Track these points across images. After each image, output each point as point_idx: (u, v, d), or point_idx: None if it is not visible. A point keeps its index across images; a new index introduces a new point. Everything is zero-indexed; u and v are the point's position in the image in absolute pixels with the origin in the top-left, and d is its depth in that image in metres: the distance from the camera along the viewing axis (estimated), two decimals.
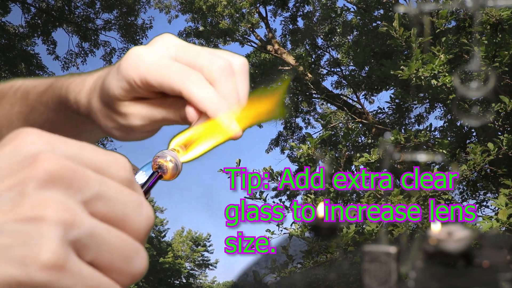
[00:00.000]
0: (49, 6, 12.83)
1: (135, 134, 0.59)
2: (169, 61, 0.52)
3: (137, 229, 0.34)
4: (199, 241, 34.13)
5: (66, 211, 0.30)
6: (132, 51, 0.53)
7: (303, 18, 12.26)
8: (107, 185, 0.33)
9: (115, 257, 0.32)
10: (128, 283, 0.33)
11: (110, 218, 0.33)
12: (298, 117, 12.66)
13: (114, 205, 0.33)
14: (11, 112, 0.68)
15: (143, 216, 0.34)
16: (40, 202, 0.29)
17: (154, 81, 0.51)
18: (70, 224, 0.30)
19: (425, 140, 4.78)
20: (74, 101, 0.60)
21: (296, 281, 2.71)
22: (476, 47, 4.37)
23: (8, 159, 0.31)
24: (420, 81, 4.34)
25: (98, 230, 0.31)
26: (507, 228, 3.67)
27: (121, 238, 0.33)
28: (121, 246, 0.32)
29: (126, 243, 0.33)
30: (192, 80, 0.51)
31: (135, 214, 0.34)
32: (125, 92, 0.54)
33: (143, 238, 0.35)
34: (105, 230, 0.32)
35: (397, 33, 4.44)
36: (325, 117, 5.44)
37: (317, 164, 4.81)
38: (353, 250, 3.95)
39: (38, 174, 0.30)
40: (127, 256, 0.33)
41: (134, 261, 0.33)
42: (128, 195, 0.34)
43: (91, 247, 0.31)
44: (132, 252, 0.33)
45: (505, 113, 4.68)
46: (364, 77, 9.03)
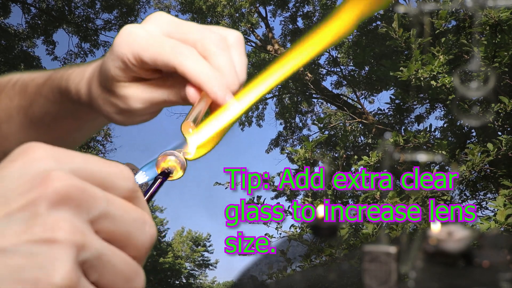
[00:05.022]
0: (49, 7, 12.83)
1: (135, 118, 0.58)
2: (161, 37, 0.51)
3: (140, 247, 0.34)
4: (199, 241, 34.11)
5: (77, 232, 0.30)
6: (124, 29, 0.52)
7: (303, 18, 12.26)
8: (113, 204, 0.33)
9: (117, 279, 0.32)
10: None
11: (115, 237, 0.33)
12: (297, 117, 12.67)
13: (120, 223, 0.33)
14: (10, 106, 0.67)
15: (147, 234, 0.35)
16: (52, 224, 0.30)
17: (147, 57, 0.50)
18: (81, 246, 0.30)
19: (424, 141, 4.78)
20: (75, 91, 0.60)
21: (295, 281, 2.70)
22: (476, 48, 4.37)
23: (18, 177, 0.31)
24: (419, 82, 4.34)
25: (104, 252, 0.32)
26: (505, 229, 3.67)
27: (124, 260, 0.33)
28: (124, 268, 0.33)
29: (128, 264, 0.33)
30: (185, 54, 0.50)
31: (139, 232, 0.34)
32: (121, 72, 0.53)
33: (145, 255, 0.35)
34: (111, 252, 0.32)
35: (396, 34, 4.44)
36: (322, 120, 5.43)
37: (316, 165, 4.81)
38: (349, 253, 3.95)
39: (49, 194, 0.30)
40: (128, 277, 0.33)
41: (133, 282, 0.34)
42: (133, 213, 0.34)
43: (97, 269, 0.31)
44: (133, 274, 0.33)
45: (504, 113, 4.68)
46: (364, 77, 9.03)
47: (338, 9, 0.52)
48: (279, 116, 12.95)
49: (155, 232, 0.36)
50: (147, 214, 0.36)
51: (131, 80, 0.54)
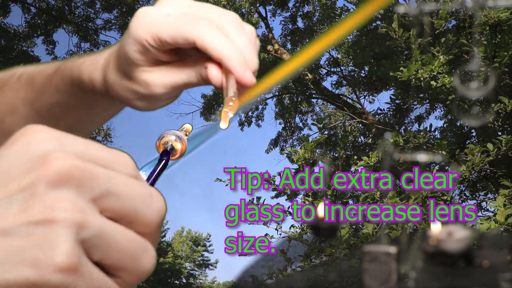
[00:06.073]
0: (49, 6, 12.83)
1: (157, 103, 0.56)
2: (178, 14, 0.50)
3: (148, 222, 0.34)
4: (199, 241, 34.12)
5: (77, 211, 0.30)
6: (139, 11, 0.51)
7: (303, 18, 12.27)
8: (116, 181, 0.32)
9: (122, 256, 0.32)
10: (136, 281, 0.33)
11: (120, 214, 0.33)
12: (297, 117, 12.67)
13: (124, 200, 0.33)
14: (15, 98, 0.67)
15: (154, 208, 0.34)
16: (51, 204, 0.29)
17: (166, 36, 0.49)
18: (81, 224, 0.30)
19: (424, 141, 4.78)
20: (88, 80, 0.58)
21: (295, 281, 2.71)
22: (476, 48, 4.37)
23: (18, 158, 0.31)
24: (419, 82, 4.34)
25: (106, 230, 0.31)
26: (505, 229, 3.68)
27: (129, 237, 0.33)
28: (129, 245, 0.32)
29: (133, 242, 0.33)
30: (205, 28, 0.48)
31: (145, 207, 0.34)
32: (141, 55, 0.51)
33: (155, 230, 0.35)
34: (113, 230, 0.32)
35: (396, 34, 4.44)
36: (321, 120, 5.43)
37: (316, 165, 4.81)
38: (349, 253, 3.95)
39: (49, 174, 0.30)
40: (134, 255, 0.33)
41: (141, 260, 0.33)
42: (137, 188, 0.34)
43: (99, 247, 0.31)
44: (140, 251, 0.33)
45: (504, 114, 4.68)
46: (364, 77, 9.04)
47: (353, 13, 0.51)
48: (279, 116, 12.96)
49: (164, 205, 0.35)
50: (153, 189, 0.35)
51: (151, 64, 0.53)
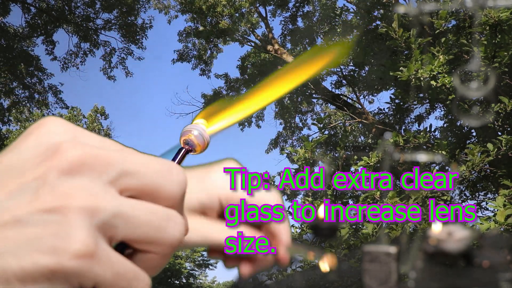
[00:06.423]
0: (49, 6, 12.83)
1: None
2: None
3: (170, 195, 0.34)
4: None
5: (89, 197, 0.30)
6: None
7: (303, 18, 12.27)
8: (131, 161, 0.33)
9: (146, 229, 0.32)
10: (169, 251, 0.34)
11: (142, 191, 0.33)
12: (297, 117, 12.67)
13: (143, 177, 0.33)
14: None
15: (174, 181, 0.35)
16: (63, 192, 0.30)
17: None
18: (95, 209, 0.30)
19: (424, 141, 4.78)
20: None
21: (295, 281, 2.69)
22: (476, 48, 4.37)
23: (33, 149, 0.32)
24: (419, 82, 4.34)
25: (122, 209, 0.32)
26: (505, 229, 3.68)
27: (150, 210, 0.33)
28: (148, 218, 0.33)
29: (153, 214, 0.33)
30: None
31: (165, 181, 0.34)
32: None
33: (179, 202, 0.35)
34: (131, 207, 0.32)
35: (396, 34, 4.44)
36: (321, 120, 5.43)
37: (316, 165, 4.81)
38: (349, 253, 3.95)
39: (61, 163, 0.31)
40: (157, 226, 0.33)
41: (166, 229, 0.33)
42: (154, 164, 0.34)
43: (119, 226, 0.31)
44: (163, 221, 0.33)
45: (504, 114, 4.68)
46: (364, 77, 9.04)
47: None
48: (279, 116, 12.96)
49: (184, 176, 0.35)
50: (172, 163, 0.35)
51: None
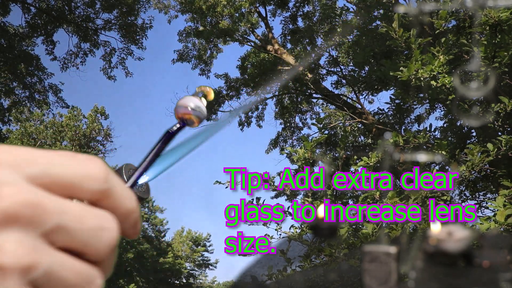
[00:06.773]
0: (49, 6, 12.83)
1: None
2: None
3: (98, 253, 0.34)
4: (199, 241, 34.14)
5: (26, 254, 0.29)
6: None
7: (303, 18, 12.27)
8: (68, 215, 0.32)
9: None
10: None
11: (70, 246, 0.32)
12: (297, 117, 12.68)
13: (74, 234, 0.32)
14: None
15: (104, 241, 0.34)
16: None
17: None
18: (29, 267, 0.29)
19: (424, 141, 4.78)
20: None
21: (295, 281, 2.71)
22: (476, 48, 4.37)
23: None
24: (419, 82, 4.34)
25: (53, 267, 0.31)
26: (505, 229, 3.68)
27: (76, 270, 0.32)
28: (75, 278, 0.32)
29: (80, 274, 0.33)
30: None
31: (95, 240, 0.33)
32: None
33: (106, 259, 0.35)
34: (61, 266, 0.31)
35: (396, 34, 4.44)
36: (321, 120, 5.43)
37: (316, 165, 4.81)
38: (349, 253, 3.95)
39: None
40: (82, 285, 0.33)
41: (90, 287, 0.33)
42: (90, 221, 0.33)
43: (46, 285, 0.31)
44: (85, 283, 0.33)
45: (504, 113, 4.68)
46: (364, 77, 9.04)
47: None
48: (279, 116, 12.96)
49: (114, 236, 0.34)
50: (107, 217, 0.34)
51: None
